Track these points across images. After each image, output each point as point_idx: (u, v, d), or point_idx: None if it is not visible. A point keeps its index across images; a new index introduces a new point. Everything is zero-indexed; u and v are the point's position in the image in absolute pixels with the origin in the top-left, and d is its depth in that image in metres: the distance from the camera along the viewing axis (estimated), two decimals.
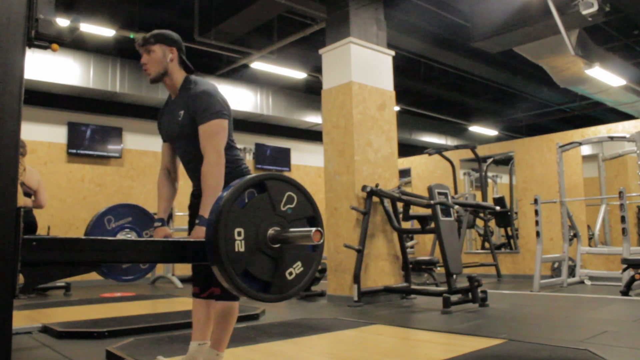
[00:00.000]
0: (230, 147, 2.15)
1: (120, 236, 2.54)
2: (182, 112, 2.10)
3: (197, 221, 1.97)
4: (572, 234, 6.62)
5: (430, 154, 8.22)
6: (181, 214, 8.01)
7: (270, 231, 1.62)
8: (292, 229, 1.64)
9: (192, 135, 2.07)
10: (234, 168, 2.12)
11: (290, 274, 1.66)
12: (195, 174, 2.14)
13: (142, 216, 2.65)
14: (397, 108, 8.61)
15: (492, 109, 11.75)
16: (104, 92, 7.74)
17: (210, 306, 2.19)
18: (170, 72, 2.13)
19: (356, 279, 4.84)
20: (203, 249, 1.59)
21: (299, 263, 1.68)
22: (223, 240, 1.50)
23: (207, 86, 2.11)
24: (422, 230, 5.17)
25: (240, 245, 1.54)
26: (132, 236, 2.54)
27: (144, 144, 8.60)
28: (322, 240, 1.56)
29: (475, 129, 12.23)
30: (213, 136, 2.02)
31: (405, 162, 10.07)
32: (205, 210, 1.92)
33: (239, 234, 1.55)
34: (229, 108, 2.16)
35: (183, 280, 7.20)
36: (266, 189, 1.64)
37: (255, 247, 1.58)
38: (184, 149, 2.15)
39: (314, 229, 1.54)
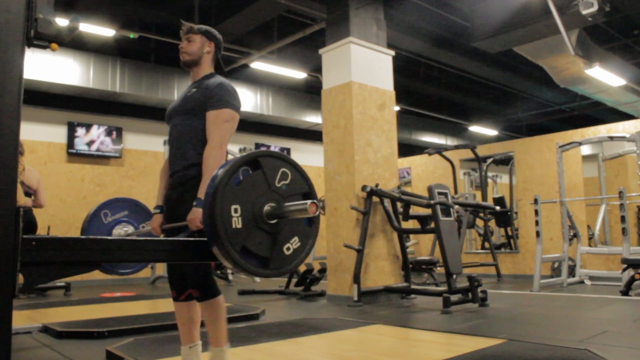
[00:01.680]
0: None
1: (116, 229, 2.57)
2: (194, 90, 2.16)
3: (194, 203, 1.96)
4: (572, 233, 6.62)
5: (430, 154, 8.22)
6: None
7: (266, 207, 1.63)
8: (287, 204, 1.64)
9: (192, 112, 2.11)
10: None
11: (288, 249, 1.67)
12: (178, 151, 2.14)
13: (138, 210, 2.69)
14: (397, 108, 8.61)
15: (492, 109, 11.75)
16: (104, 92, 7.74)
17: (192, 307, 2.19)
18: (202, 63, 2.22)
19: (356, 278, 4.84)
20: (204, 248, 1.59)
21: (296, 238, 1.69)
22: (220, 217, 1.51)
23: (227, 82, 2.18)
24: (422, 230, 5.17)
25: (237, 222, 1.55)
26: (128, 229, 2.59)
27: (144, 144, 8.60)
28: (318, 212, 1.57)
29: (475, 129, 12.23)
30: (222, 123, 2.07)
31: (405, 162, 10.07)
32: (203, 193, 1.92)
33: (236, 210, 1.56)
34: (240, 103, 2.22)
35: None
36: (260, 166, 1.65)
37: (252, 224, 1.60)
38: (179, 125, 2.16)
39: (309, 201, 1.55)
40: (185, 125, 2.14)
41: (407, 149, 11.38)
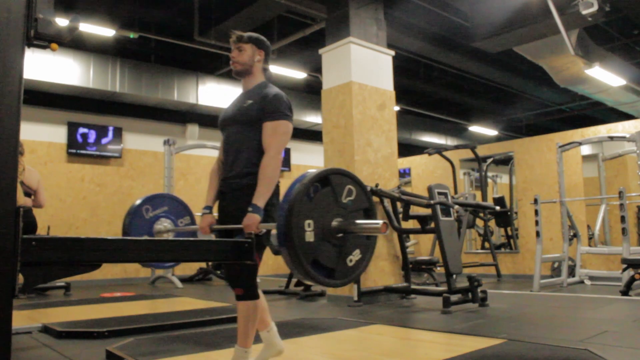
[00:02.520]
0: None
1: (157, 224, 2.68)
2: (250, 102, 2.21)
3: (249, 209, 2.01)
4: (572, 233, 6.61)
5: (430, 154, 8.22)
6: None
7: (334, 222, 1.76)
8: (358, 220, 1.79)
9: (248, 123, 2.18)
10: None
11: (351, 260, 1.81)
12: (234, 159, 2.21)
13: (177, 206, 2.82)
14: (397, 108, 8.61)
15: (492, 108, 11.75)
16: (103, 92, 7.74)
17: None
18: (253, 72, 2.30)
19: (356, 278, 4.84)
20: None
21: (357, 250, 1.84)
22: (296, 231, 1.62)
23: (281, 93, 2.26)
24: (422, 230, 5.16)
25: (310, 236, 1.67)
26: (167, 224, 2.70)
27: (143, 144, 8.60)
28: (387, 231, 1.75)
29: (475, 129, 12.23)
30: (279, 134, 2.14)
31: (405, 162, 10.07)
32: (259, 199, 2.02)
33: (309, 225, 1.68)
34: (292, 113, 2.30)
35: (183, 280, 7.20)
36: (330, 183, 1.77)
37: (322, 237, 1.72)
38: (235, 133, 2.23)
39: (381, 222, 1.71)
40: (242, 135, 2.20)
41: (407, 149, 11.38)
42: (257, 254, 1.97)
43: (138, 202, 2.61)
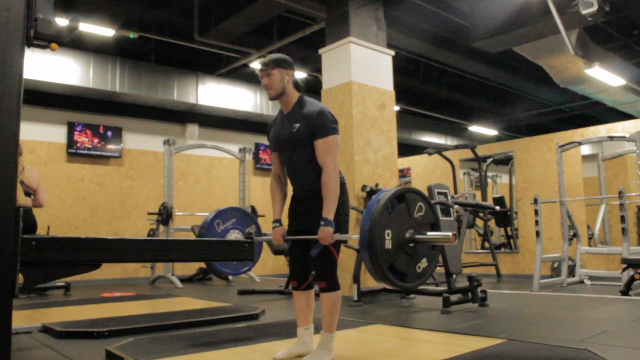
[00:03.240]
0: None
1: (229, 236, 3.05)
2: (297, 125, 2.40)
3: (322, 222, 2.26)
4: (571, 233, 6.61)
5: (430, 154, 8.22)
6: (180, 214, 8.01)
7: (407, 234, 2.05)
8: (430, 232, 2.08)
9: (302, 145, 2.39)
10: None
11: (419, 267, 2.10)
12: (298, 177, 2.46)
13: (244, 217, 3.15)
14: (397, 108, 8.61)
15: (492, 108, 11.75)
16: (103, 92, 7.74)
17: (309, 295, 2.55)
18: (287, 92, 2.45)
19: (356, 278, 4.84)
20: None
21: (424, 259, 2.12)
22: (378, 239, 1.91)
23: (323, 106, 2.42)
24: None
25: (388, 244, 1.97)
26: (237, 235, 3.06)
27: (143, 144, 8.60)
28: (456, 242, 2.05)
29: (475, 128, 12.23)
30: (331, 149, 2.34)
31: (405, 162, 10.07)
32: (328, 213, 2.26)
33: (388, 234, 1.97)
34: (337, 123, 2.45)
35: (183, 280, 7.20)
36: (405, 200, 2.08)
37: (398, 246, 2.01)
38: (292, 156, 2.45)
39: (451, 233, 1.96)
40: (300, 157, 2.42)
41: (407, 149, 11.38)
42: (335, 250, 2.34)
43: (210, 217, 2.98)
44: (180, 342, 2.99)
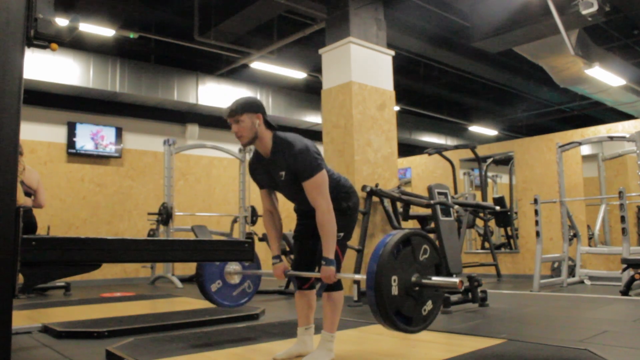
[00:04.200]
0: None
1: (227, 268, 3.10)
2: (283, 173, 2.35)
3: (323, 262, 2.27)
4: (572, 233, 6.61)
5: (430, 154, 8.22)
6: (180, 214, 8.01)
7: (413, 278, 2.05)
8: (436, 277, 2.09)
9: (297, 187, 2.35)
10: (333, 186, 2.43)
11: (424, 310, 2.10)
12: (301, 204, 2.47)
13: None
14: (397, 108, 8.61)
15: (492, 109, 11.75)
16: (103, 92, 7.74)
17: (311, 296, 2.57)
18: (260, 135, 2.35)
19: None
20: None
21: (429, 301, 2.12)
22: (384, 285, 1.91)
23: (300, 144, 2.32)
24: (422, 230, 5.16)
25: (395, 290, 1.96)
26: (236, 267, 3.09)
27: (143, 144, 8.60)
28: (463, 288, 2.11)
29: (475, 129, 12.23)
30: (319, 187, 2.29)
31: (405, 162, 10.07)
32: (328, 252, 2.26)
33: (394, 280, 1.97)
34: (319, 152, 2.39)
35: (183, 280, 7.20)
36: (410, 243, 2.08)
37: (404, 291, 2.00)
38: (289, 194, 2.48)
39: (457, 279, 1.98)
40: (294, 194, 2.43)
41: (407, 149, 11.38)
42: (340, 251, 2.38)
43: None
44: (181, 342, 2.99)
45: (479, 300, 4.37)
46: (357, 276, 2.36)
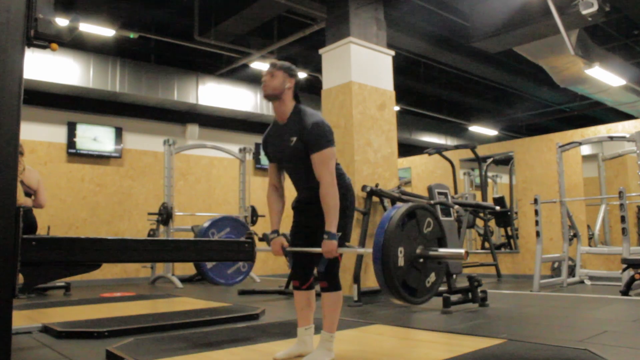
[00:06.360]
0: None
1: None
2: (294, 138, 2.38)
3: (325, 236, 2.26)
4: (572, 233, 6.61)
5: (430, 154, 8.22)
6: (180, 214, 8.01)
7: (418, 250, 2.09)
8: (442, 249, 2.14)
9: (302, 158, 2.39)
10: (338, 182, 2.42)
11: (428, 282, 2.14)
12: (301, 186, 2.51)
13: (238, 226, 3.15)
14: (397, 108, 8.61)
15: (492, 109, 11.75)
16: (103, 92, 7.74)
17: (310, 295, 2.58)
18: (283, 98, 2.41)
19: (356, 279, 4.84)
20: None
21: (433, 274, 2.16)
22: (391, 257, 1.95)
23: (317, 117, 2.39)
24: None
25: (401, 261, 2.00)
26: None
27: (143, 144, 8.60)
28: (467, 258, 2.26)
29: (475, 129, 12.23)
30: (327, 162, 2.33)
31: (405, 162, 10.07)
32: (331, 227, 2.26)
33: (401, 251, 2.01)
34: (333, 133, 2.45)
35: (183, 280, 7.20)
36: (415, 216, 2.11)
37: (409, 262, 2.05)
38: (294, 168, 2.48)
39: (463, 250, 2.04)
40: (299, 169, 2.45)
41: (407, 149, 11.38)
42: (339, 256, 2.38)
43: (205, 225, 2.97)
44: (181, 342, 2.99)
45: (479, 300, 4.37)
46: (360, 250, 2.37)
